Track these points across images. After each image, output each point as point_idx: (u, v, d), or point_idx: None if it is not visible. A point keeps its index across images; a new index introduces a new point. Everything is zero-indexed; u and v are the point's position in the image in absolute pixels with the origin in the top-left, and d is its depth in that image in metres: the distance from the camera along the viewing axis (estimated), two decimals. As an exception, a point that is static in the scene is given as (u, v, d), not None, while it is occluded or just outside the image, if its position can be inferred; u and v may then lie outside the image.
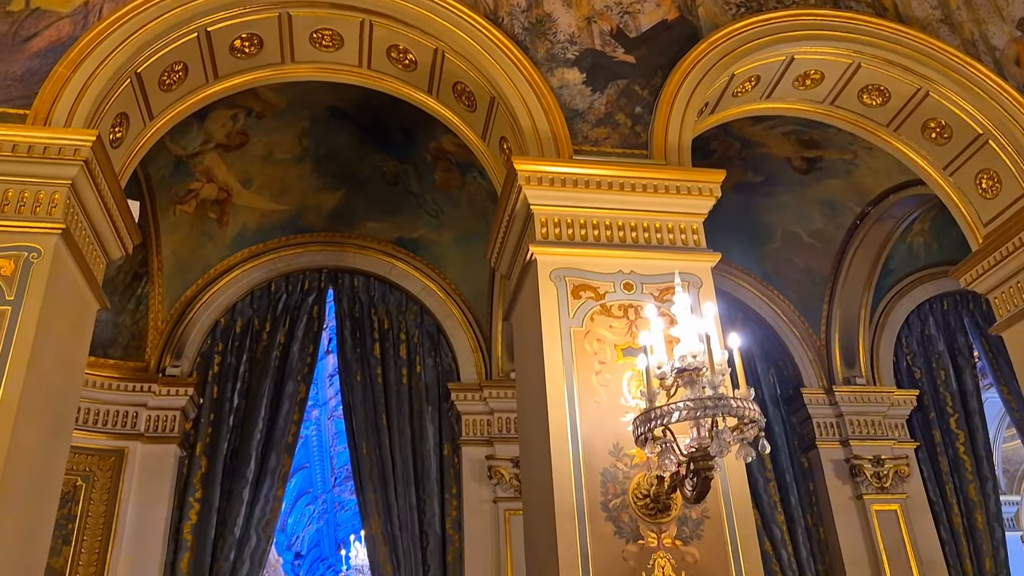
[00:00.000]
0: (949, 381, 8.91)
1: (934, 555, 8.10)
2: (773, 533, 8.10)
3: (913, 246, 8.72)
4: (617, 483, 4.27)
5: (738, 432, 3.69)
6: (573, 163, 4.90)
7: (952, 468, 8.60)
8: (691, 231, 4.91)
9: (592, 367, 4.47)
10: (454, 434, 8.12)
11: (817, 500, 8.43)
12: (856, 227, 8.26)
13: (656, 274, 4.70)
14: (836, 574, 8.11)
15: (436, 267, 8.62)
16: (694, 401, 3.58)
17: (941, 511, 8.45)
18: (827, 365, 8.62)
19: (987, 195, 5.78)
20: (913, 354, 9.05)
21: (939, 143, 5.95)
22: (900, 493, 8.23)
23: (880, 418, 8.49)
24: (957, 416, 8.76)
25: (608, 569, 4.10)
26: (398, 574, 7.52)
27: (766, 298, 8.79)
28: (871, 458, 8.28)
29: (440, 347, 8.50)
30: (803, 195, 8.24)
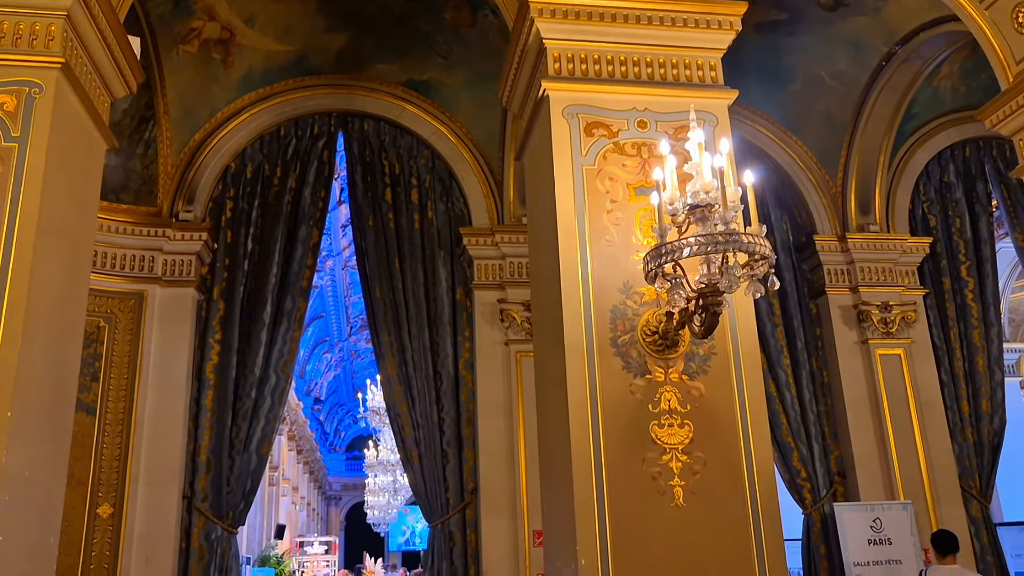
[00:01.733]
0: (964, 229, 8.86)
1: (933, 396, 8.33)
2: (778, 376, 8.31)
3: (939, 90, 8.43)
4: (626, 320, 4.34)
5: (748, 269, 3.71)
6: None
7: (959, 314, 8.70)
8: (708, 67, 4.75)
9: (604, 206, 4.45)
10: (466, 278, 8.22)
11: (823, 345, 8.59)
12: (881, 69, 7.94)
13: (671, 112, 4.58)
14: (837, 414, 8.38)
15: (447, 110, 8.46)
16: (705, 237, 3.57)
17: (944, 355, 8.62)
18: (842, 212, 8.56)
19: (1022, 31, 5.50)
20: (930, 201, 8.95)
21: (980, -26, 5.61)
22: (905, 338, 8.36)
23: (891, 265, 8.51)
24: (969, 264, 8.76)
25: (616, 403, 4.24)
26: (413, 412, 7.84)
27: (783, 143, 8.61)
28: (879, 304, 8.37)
29: (452, 192, 8.47)
30: (828, 35, 7.88)
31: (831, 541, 7.94)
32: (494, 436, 7.77)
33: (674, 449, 4.20)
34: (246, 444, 7.47)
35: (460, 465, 7.81)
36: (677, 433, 4.24)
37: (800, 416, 8.29)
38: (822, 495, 8.12)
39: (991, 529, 8.32)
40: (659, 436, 4.22)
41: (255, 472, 7.50)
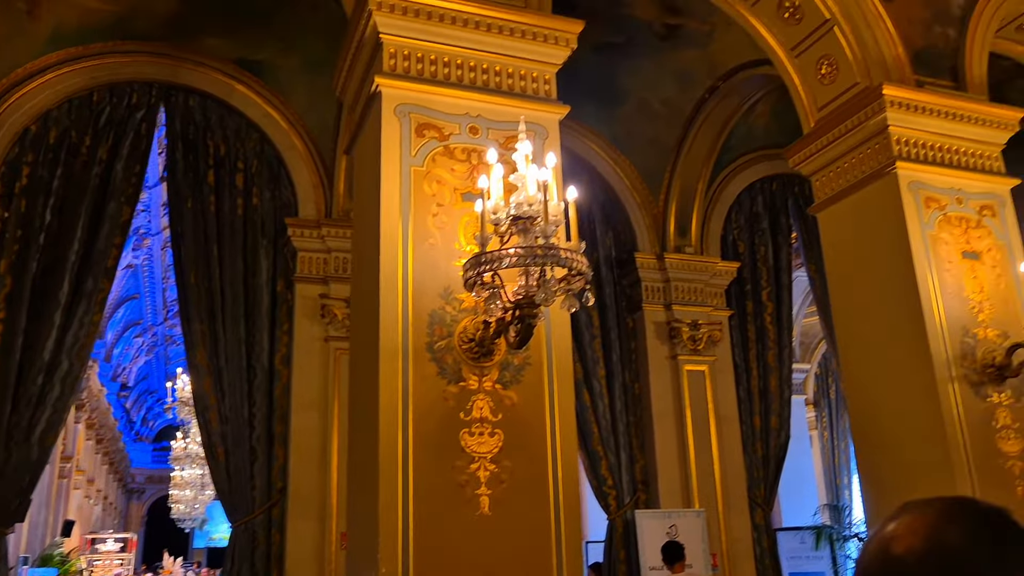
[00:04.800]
0: (767, 257, 9.55)
1: (730, 412, 8.93)
2: (593, 386, 8.60)
3: (754, 126, 9.05)
4: (444, 326, 4.32)
5: (565, 283, 3.78)
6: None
7: (758, 336, 9.37)
8: (543, 80, 4.82)
9: (430, 208, 4.41)
10: (289, 270, 7.93)
11: (636, 358, 8.97)
12: (705, 100, 8.44)
13: (503, 120, 4.61)
14: (644, 426, 8.78)
15: (281, 94, 8.12)
16: (525, 249, 3.61)
17: (743, 373, 9.25)
18: (662, 232, 8.99)
19: (824, 81, 6.01)
20: (740, 229, 9.59)
21: (791, 23, 6.07)
22: (710, 356, 8.90)
23: (702, 286, 9.04)
24: (769, 289, 9.47)
25: (428, 408, 4.20)
26: (222, 405, 7.46)
27: (613, 161, 8.94)
28: (690, 322, 8.85)
29: (280, 180, 8.14)
30: (659, 62, 8.27)
31: (631, 546, 8.31)
32: (307, 434, 7.54)
33: (483, 458, 4.22)
34: (27, 434, 6.80)
35: (269, 463, 7.51)
36: (487, 442, 4.27)
37: (611, 426, 8.61)
38: (626, 502, 8.48)
39: (771, 534, 9.03)
40: (469, 444, 4.22)
41: (36, 464, 6.85)
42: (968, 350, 5.38)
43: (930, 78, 5.86)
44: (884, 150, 5.62)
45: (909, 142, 5.63)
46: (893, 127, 5.58)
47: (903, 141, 5.61)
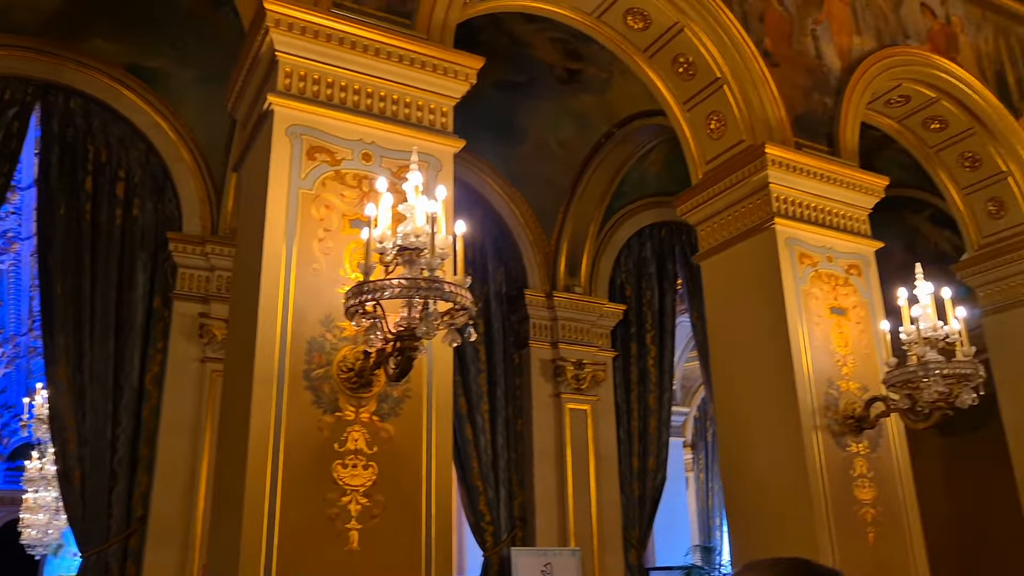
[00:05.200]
0: (653, 301, 9.81)
1: (610, 452, 9.06)
2: (476, 421, 8.56)
3: (646, 173, 9.33)
4: (324, 353, 4.21)
5: (449, 317, 3.76)
6: (330, 16, 4.57)
7: (640, 378, 9.58)
8: (440, 113, 4.83)
9: (316, 233, 4.31)
10: (167, 286, 7.59)
11: (521, 395, 9.00)
12: (600, 145, 8.66)
13: (398, 149, 4.58)
14: (525, 461, 8.79)
15: (171, 104, 7.83)
16: (409, 280, 3.57)
17: (624, 414, 9.42)
18: (552, 271, 9.11)
19: (713, 136, 6.27)
20: (628, 273, 9.82)
21: (684, 78, 6.32)
22: (593, 395, 9.03)
23: (589, 326, 9.19)
24: (653, 333, 9.71)
25: (301, 438, 4.07)
26: (82, 426, 7.01)
27: (508, 198, 9.02)
28: (575, 361, 8.97)
29: (165, 192, 7.82)
30: (559, 104, 8.45)
31: (504, 583, 8.27)
32: (175, 459, 7.17)
33: (355, 491, 4.11)
34: None
35: (130, 488, 7.09)
36: (361, 475, 4.16)
37: (492, 461, 8.58)
38: (502, 538, 8.43)
39: (644, 574, 9.17)
40: (341, 477, 4.10)
41: None
42: (832, 401, 5.64)
43: (808, 141, 6.20)
44: (764, 206, 5.89)
45: (787, 200, 5.92)
46: (773, 185, 5.86)
47: (782, 199, 5.90)
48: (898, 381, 5.25)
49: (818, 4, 6.81)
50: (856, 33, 6.95)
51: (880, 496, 5.61)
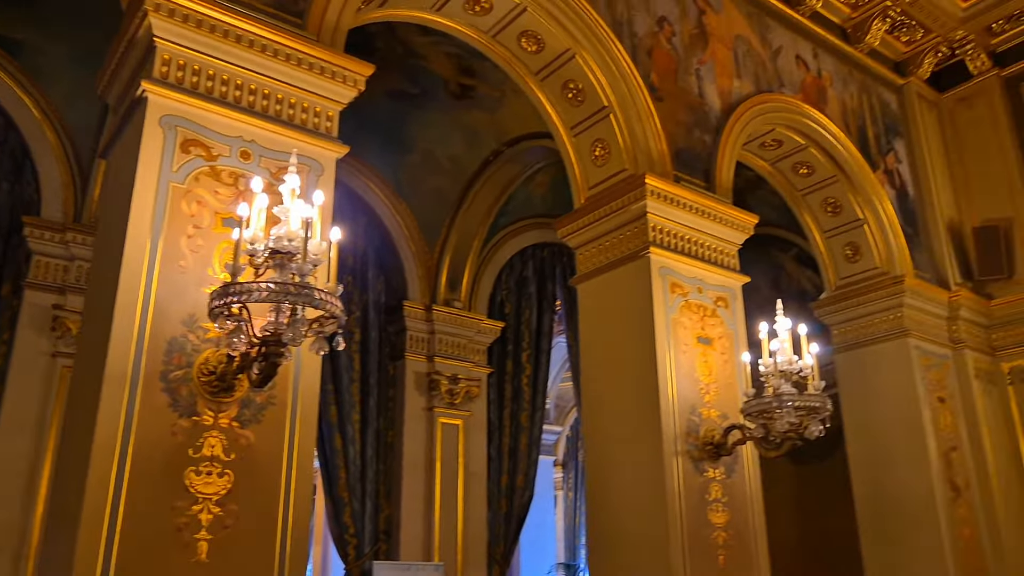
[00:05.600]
0: (531, 321, 9.92)
1: (480, 468, 9.07)
2: (346, 431, 8.39)
3: (532, 194, 9.46)
4: (184, 355, 4.02)
5: (318, 325, 3.66)
6: (216, 7, 4.40)
7: (514, 395, 9.65)
8: (326, 117, 4.73)
9: (185, 229, 4.12)
10: (19, 274, 7.11)
11: (394, 406, 8.90)
12: (489, 162, 8.72)
13: (278, 150, 4.45)
14: (393, 474, 8.68)
15: (39, 82, 7.37)
16: (278, 285, 3.46)
17: (496, 431, 9.46)
18: (433, 284, 9.08)
19: (597, 162, 6.42)
20: (508, 291, 9.91)
21: (573, 104, 6.45)
22: (466, 411, 9.03)
23: (466, 341, 9.19)
24: (529, 352, 9.81)
25: (153, 442, 3.86)
26: (-92, 418, 6.46)
27: (393, 208, 8.93)
28: (450, 376, 8.95)
29: (24, 173, 7.35)
30: (451, 119, 8.46)
31: (361, 598, 8.11)
32: (14, 460, 6.70)
33: (207, 500, 3.93)
34: None
35: (-41, 491, 6.57)
36: (215, 483, 3.98)
37: (360, 473, 8.42)
38: (365, 552, 8.28)
39: (506, 592, 9.20)
40: (194, 484, 3.92)
41: None
42: (693, 427, 5.84)
43: (687, 176, 6.44)
44: (641, 235, 6.06)
45: (663, 230, 6.12)
46: (651, 215, 6.04)
47: (658, 229, 6.09)
48: (755, 411, 5.49)
49: (703, 46, 7.11)
50: (737, 77, 7.29)
51: (732, 520, 5.84)
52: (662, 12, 6.85)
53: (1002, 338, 8.48)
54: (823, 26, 8.38)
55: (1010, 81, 8.96)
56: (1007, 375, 8.41)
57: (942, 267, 8.50)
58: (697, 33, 7.12)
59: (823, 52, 8.36)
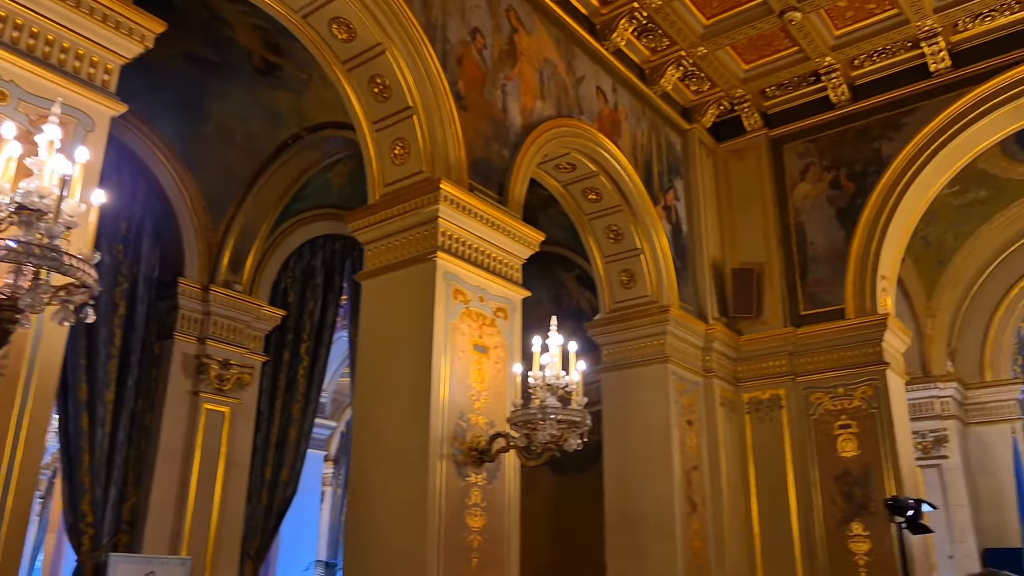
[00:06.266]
0: (315, 312, 9.69)
1: (243, 458, 8.70)
2: (96, 411, 7.74)
3: (330, 183, 9.27)
4: (-102, 310, 3.53)
5: (64, 293, 3.36)
6: (-15, -73, 3.95)
7: (288, 386, 9.38)
8: (104, 69, 4.37)
9: (-85, 169, 3.64)
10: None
11: (156, 388, 8.34)
12: (288, 145, 8.44)
13: (44, 96, 4.05)
14: (146, 460, 8.13)
15: None
16: (21, 244, 3.15)
17: (265, 421, 9.14)
18: (214, 264, 8.62)
19: (396, 161, 6.40)
20: (294, 279, 9.63)
21: (379, 99, 6.40)
22: (235, 398, 8.64)
23: (243, 326, 8.81)
24: (309, 343, 9.58)
25: None
26: None
27: (179, 179, 8.39)
28: (221, 360, 8.53)
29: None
30: (252, 95, 8.11)
31: (97, 591, 7.51)
32: None
33: (-92, 475, 3.49)
34: None
35: None
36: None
37: (107, 457, 7.80)
38: (103, 542, 7.67)
39: (257, 589, 8.88)
40: None
41: None
42: (461, 432, 5.96)
43: (481, 186, 6.58)
44: (430, 238, 6.11)
45: (452, 237, 6.20)
46: (442, 220, 6.11)
47: (448, 235, 6.16)
48: (520, 420, 5.68)
49: (511, 63, 7.31)
50: (540, 98, 7.57)
51: (489, 524, 6.00)
52: (476, 23, 6.98)
53: (744, 371, 9.40)
54: (624, 64, 8.90)
55: (776, 141, 9.99)
56: (745, 404, 9.32)
57: (703, 301, 9.27)
58: (508, 50, 7.31)
59: (622, 88, 8.87)
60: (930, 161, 8.98)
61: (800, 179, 9.72)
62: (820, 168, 9.62)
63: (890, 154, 9.17)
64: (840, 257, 9.20)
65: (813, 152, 9.72)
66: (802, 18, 8.54)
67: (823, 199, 9.52)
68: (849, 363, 8.88)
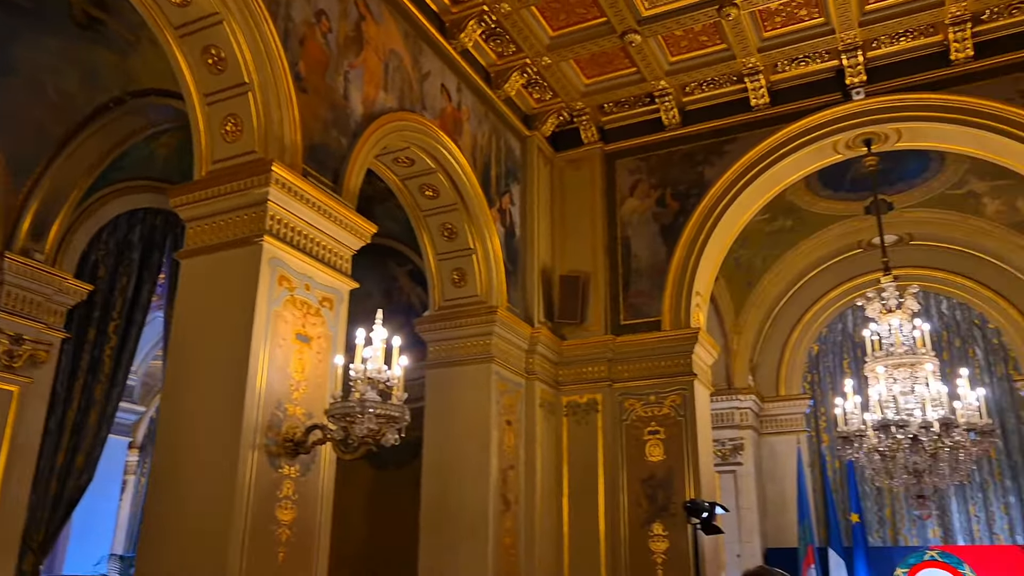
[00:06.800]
0: (128, 289, 9.10)
1: (32, 442, 7.99)
2: None
3: (155, 154, 8.72)
4: None
5: None
6: None
7: (91, 367, 8.75)
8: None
9: None
10: None
11: (-68, 362, 7.54)
12: (109, 108, 7.86)
13: None
14: (-85, 440, 7.33)
15: None
16: None
17: (61, 403, 8.47)
18: (11, 229, 7.88)
19: (227, 138, 6.12)
20: (107, 252, 8.99)
21: (212, 71, 6.09)
22: (26, 377, 7.93)
23: (43, 299, 8.11)
24: (119, 322, 8.98)
25: None
26: None
27: (-24, 131, 7.62)
28: (13, 335, 7.81)
29: None
30: (70, 49, 7.49)
31: None
32: None
33: None
34: None
35: None
36: None
37: None
38: None
39: (38, 584, 8.20)
40: None
41: None
42: (277, 422, 5.78)
43: (316, 172, 6.42)
44: (258, 221, 5.89)
45: (282, 221, 6.01)
46: (272, 203, 5.90)
47: (276, 219, 5.96)
48: (338, 413, 5.60)
49: (357, 51, 7.19)
50: (384, 89, 7.49)
51: (299, 518, 5.86)
52: (322, 6, 6.81)
53: (565, 375, 9.72)
54: (471, 65, 8.98)
55: (609, 156, 10.41)
56: (564, 407, 9.64)
57: (530, 305, 9.51)
58: (354, 36, 7.18)
59: (467, 88, 8.95)
60: (746, 188, 9.67)
61: (629, 194, 10.19)
62: (648, 185, 10.12)
63: (711, 178, 9.79)
64: (661, 272, 9.71)
65: (643, 170, 10.21)
66: (641, 41, 8.95)
67: (649, 215, 10.02)
68: (661, 372, 9.38)
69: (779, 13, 8.76)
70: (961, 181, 11.48)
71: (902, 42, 8.98)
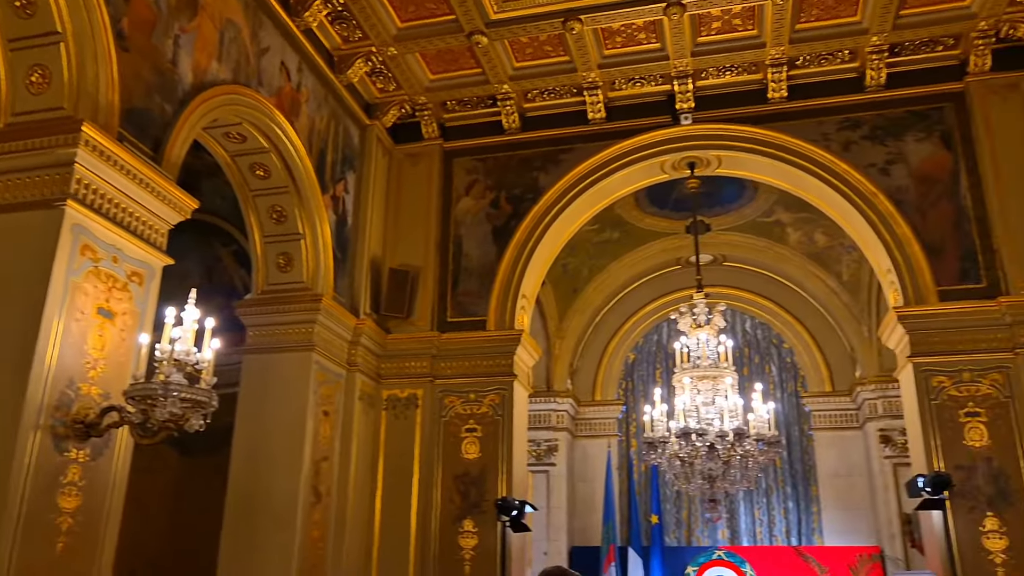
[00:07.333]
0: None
1: None
2: None
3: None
4: None
5: None
6: None
7: None
8: None
9: None
10: None
11: None
12: None
13: None
14: None
15: None
16: None
17: None
18: None
19: (32, 89, 5.61)
20: None
21: (20, 15, 5.55)
22: None
23: None
24: None
25: None
26: None
27: None
28: None
29: None
30: None
31: None
32: None
33: None
34: None
35: None
36: None
37: None
38: None
39: None
40: None
41: None
42: (67, 402, 5.36)
43: (133, 137, 6.01)
44: (62, 183, 5.44)
45: (89, 187, 5.58)
46: (79, 165, 5.46)
47: (84, 183, 5.53)
48: (138, 395, 5.28)
49: (190, 16, 6.80)
50: (217, 59, 7.13)
51: (85, 505, 5.46)
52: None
53: (387, 369, 9.65)
54: (314, 46, 8.74)
55: (448, 153, 10.45)
56: (384, 400, 9.57)
57: (357, 296, 9.37)
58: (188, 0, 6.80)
59: (307, 69, 8.69)
60: (577, 198, 10.00)
61: (465, 193, 10.27)
62: (484, 186, 10.24)
63: (545, 185, 10.04)
64: (490, 272, 9.86)
65: (480, 170, 10.33)
66: (488, 44, 9.05)
67: (482, 216, 10.14)
68: (483, 371, 9.52)
69: (620, 33, 9.13)
70: (770, 210, 12.43)
71: (727, 76, 9.62)
